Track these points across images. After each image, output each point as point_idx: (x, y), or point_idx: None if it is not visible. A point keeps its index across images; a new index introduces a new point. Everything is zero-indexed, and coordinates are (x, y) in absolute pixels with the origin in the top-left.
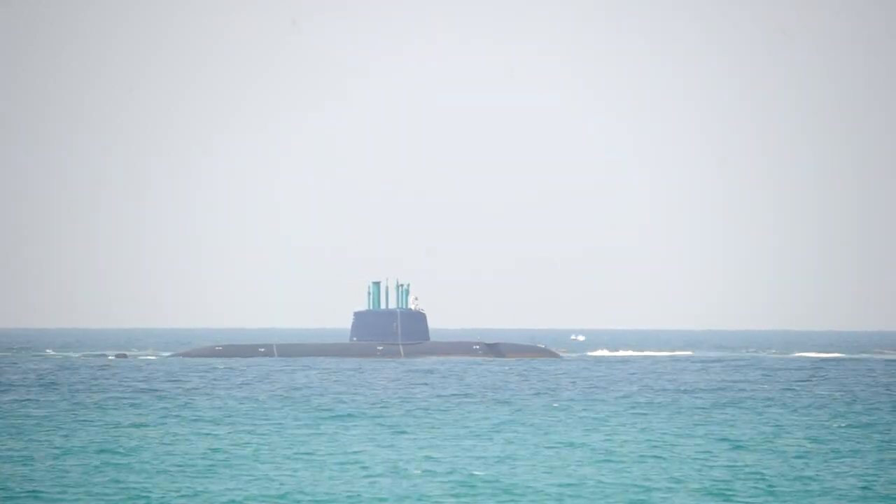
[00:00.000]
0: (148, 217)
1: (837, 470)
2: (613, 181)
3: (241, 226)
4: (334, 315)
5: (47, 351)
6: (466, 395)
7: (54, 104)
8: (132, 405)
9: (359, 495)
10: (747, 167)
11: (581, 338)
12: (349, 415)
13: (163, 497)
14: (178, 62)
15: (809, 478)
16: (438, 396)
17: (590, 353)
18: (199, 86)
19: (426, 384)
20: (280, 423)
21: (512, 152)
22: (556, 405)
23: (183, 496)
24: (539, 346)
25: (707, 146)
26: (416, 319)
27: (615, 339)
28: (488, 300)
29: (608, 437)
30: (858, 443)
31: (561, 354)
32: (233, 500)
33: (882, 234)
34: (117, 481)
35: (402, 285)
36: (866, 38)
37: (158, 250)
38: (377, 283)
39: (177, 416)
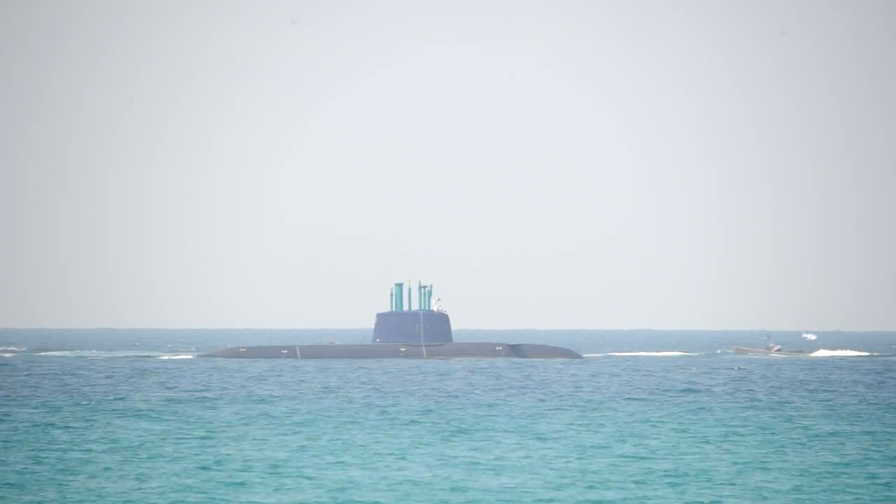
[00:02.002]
0: (158, 218)
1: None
2: (614, 181)
3: (251, 226)
4: (354, 316)
5: (58, 352)
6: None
7: (55, 103)
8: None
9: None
10: (747, 167)
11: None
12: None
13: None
14: (178, 62)
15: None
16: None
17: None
18: (200, 85)
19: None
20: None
21: (512, 153)
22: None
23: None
24: (563, 347)
25: (707, 146)
26: (439, 321)
27: (611, 340)
28: (489, 300)
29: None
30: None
31: (582, 355)
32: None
33: (882, 233)
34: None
35: (424, 287)
36: (866, 38)
37: (171, 252)
38: (400, 285)
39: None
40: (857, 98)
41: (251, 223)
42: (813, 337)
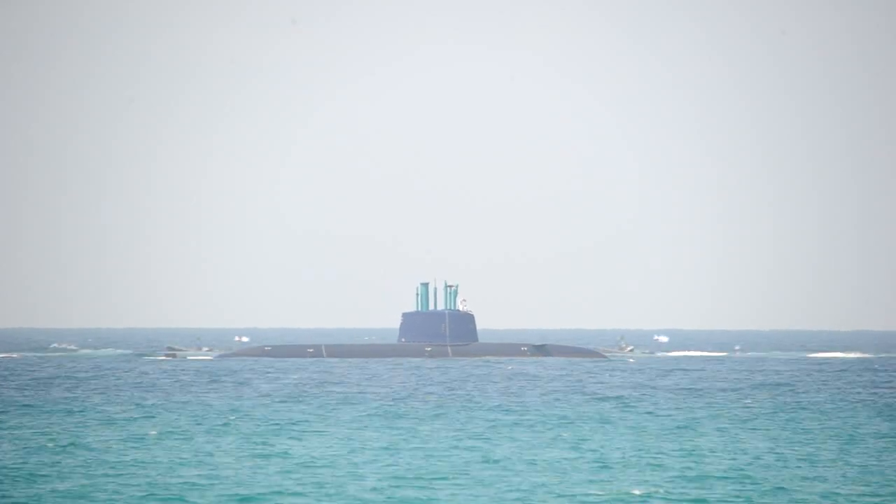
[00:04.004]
0: (158, 218)
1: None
2: (614, 181)
3: (251, 226)
4: (353, 316)
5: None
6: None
7: (55, 103)
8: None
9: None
10: (747, 167)
11: (245, 338)
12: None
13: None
14: (178, 62)
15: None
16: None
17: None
18: (200, 85)
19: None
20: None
21: (512, 153)
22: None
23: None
24: (587, 347)
25: (707, 146)
26: (465, 321)
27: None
28: (489, 299)
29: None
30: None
31: (606, 355)
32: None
33: (882, 233)
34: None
35: (450, 286)
36: (866, 38)
37: (171, 252)
38: (425, 284)
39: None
40: (857, 98)
41: (251, 223)
42: (665, 339)
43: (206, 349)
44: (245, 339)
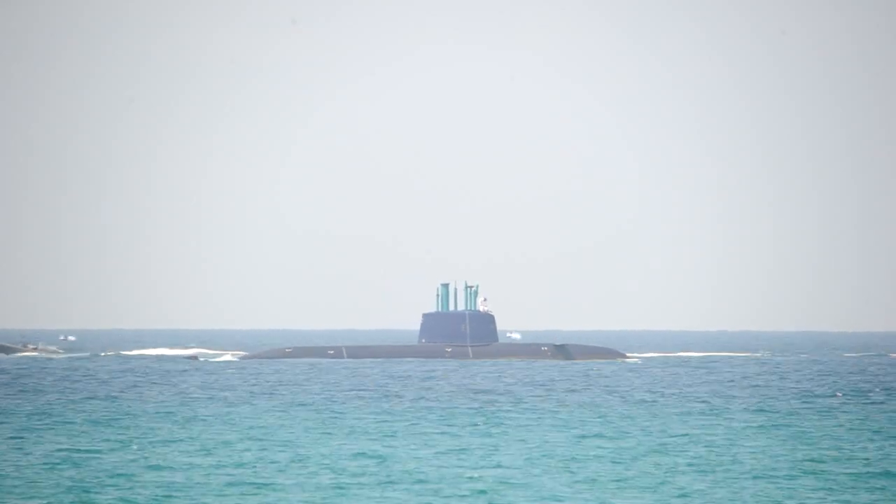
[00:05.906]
0: (158, 218)
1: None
2: (614, 181)
3: (252, 226)
4: (353, 316)
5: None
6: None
7: (55, 103)
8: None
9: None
10: (747, 167)
11: (72, 338)
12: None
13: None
14: (178, 62)
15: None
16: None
17: None
18: (200, 85)
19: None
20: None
21: (512, 153)
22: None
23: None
24: (607, 347)
25: (707, 146)
26: (485, 321)
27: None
28: (491, 299)
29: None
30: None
31: (626, 355)
32: None
33: (882, 233)
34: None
35: (470, 287)
36: (866, 38)
37: (171, 252)
38: (446, 285)
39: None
40: (857, 98)
41: (251, 223)
42: (517, 335)
43: (31, 346)
44: (72, 338)
